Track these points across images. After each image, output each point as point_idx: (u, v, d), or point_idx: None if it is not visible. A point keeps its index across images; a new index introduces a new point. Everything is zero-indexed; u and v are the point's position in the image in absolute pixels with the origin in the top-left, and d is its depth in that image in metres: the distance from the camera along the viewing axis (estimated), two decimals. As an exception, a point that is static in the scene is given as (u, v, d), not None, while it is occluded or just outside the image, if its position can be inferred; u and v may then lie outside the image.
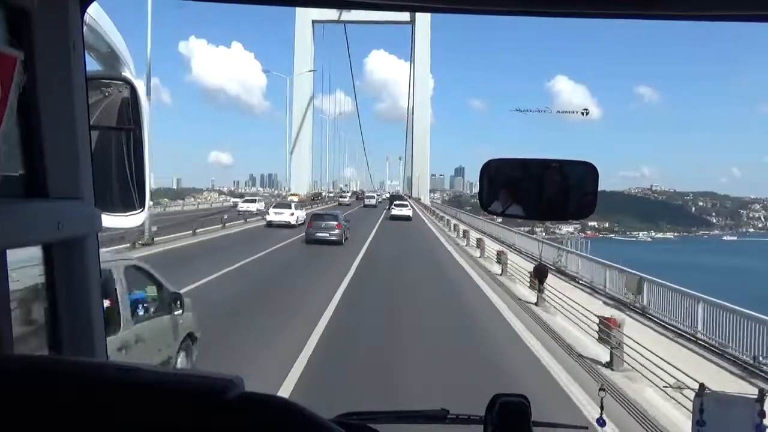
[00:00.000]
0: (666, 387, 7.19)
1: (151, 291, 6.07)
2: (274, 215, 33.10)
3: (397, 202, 49.30)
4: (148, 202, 1.44)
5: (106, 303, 4.89)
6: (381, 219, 43.36)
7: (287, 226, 31.07)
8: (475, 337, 10.03)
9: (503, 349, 9.41)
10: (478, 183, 1.48)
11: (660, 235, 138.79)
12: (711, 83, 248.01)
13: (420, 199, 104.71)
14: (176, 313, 6.24)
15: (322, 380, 7.05)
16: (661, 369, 7.52)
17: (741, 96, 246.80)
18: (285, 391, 6.42)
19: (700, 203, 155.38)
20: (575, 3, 1.03)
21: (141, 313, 5.73)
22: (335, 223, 24.82)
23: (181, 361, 6.53)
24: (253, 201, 45.07)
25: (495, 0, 1.06)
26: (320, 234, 24.02)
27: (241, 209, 39.43)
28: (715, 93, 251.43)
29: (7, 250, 1.04)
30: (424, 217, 50.69)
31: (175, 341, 6.40)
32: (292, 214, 33.08)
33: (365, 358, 8.16)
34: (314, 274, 16.03)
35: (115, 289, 5.17)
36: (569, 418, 6.13)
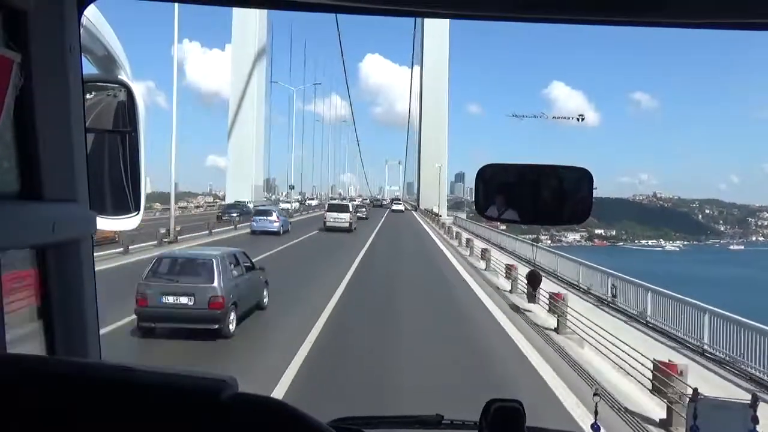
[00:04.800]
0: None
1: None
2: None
3: (396, 202, 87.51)
4: (143, 205, 1.44)
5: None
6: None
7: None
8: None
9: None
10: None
11: (669, 243, 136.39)
12: (707, 89, 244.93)
13: (437, 214, 62.17)
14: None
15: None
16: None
17: (738, 103, 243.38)
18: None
19: (707, 211, 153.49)
20: (573, 10, 1.03)
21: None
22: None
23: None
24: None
25: (494, 6, 1.06)
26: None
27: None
28: (712, 100, 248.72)
29: (1, 252, 1.05)
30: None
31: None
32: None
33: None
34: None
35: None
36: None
